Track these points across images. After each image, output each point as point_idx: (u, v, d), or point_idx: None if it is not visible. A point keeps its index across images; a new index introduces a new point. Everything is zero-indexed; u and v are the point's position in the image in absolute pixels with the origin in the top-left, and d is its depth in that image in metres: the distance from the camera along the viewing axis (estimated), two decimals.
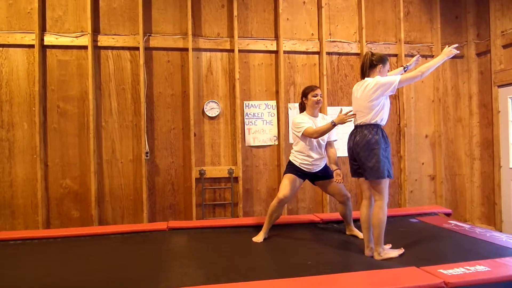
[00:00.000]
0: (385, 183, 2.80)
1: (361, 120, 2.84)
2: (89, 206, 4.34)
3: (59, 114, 4.36)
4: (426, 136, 5.21)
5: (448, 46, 2.88)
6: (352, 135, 2.91)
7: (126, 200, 4.48)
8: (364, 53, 2.94)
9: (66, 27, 4.39)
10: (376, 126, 2.80)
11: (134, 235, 3.53)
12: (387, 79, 2.80)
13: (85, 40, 4.35)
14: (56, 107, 4.35)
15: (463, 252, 2.86)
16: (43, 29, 4.32)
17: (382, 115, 2.81)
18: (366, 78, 2.87)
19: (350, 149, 2.93)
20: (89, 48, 4.34)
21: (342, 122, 3.00)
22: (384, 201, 2.80)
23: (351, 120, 2.96)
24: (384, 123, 2.86)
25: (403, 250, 2.85)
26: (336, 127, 3.09)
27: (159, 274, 2.54)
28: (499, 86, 4.85)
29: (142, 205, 4.43)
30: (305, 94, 3.39)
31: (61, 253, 3.08)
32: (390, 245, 2.97)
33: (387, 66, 2.93)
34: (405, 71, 3.22)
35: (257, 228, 3.47)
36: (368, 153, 2.76)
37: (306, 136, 3.25)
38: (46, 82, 4.34)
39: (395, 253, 2.81)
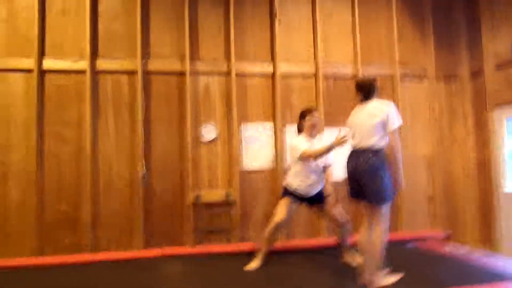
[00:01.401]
0: (387, 207, 2.78)
1: (364, 143, 2.82)
2: (84, 231, 4.27)
3: (56, 138, 4.36)
4: (423, 156, 5.22)
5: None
6: (353, 158, 2.88)
7: (121, 224, 4.41)
8: (362, 77, 2.99)
9: (65, 51, 4.43)
10: (379, 149, 2.79)
11: (127, 262, 3.49)
12: (395, 120, 2.78)
13: (84, 64, 4.39)
14: (53, 131, 4.36)
15: (460, 277, 2.84)
16: (42, 54, 4.37)
17: (385, 139, 2.81)
18: (374, 101, 2.88)
19: (351, 172, 2.89)
20: (88, 72, 4.37)
21: (340, 144, 2.97)
22: (385, 225, 2.77)
23: (346, 142, 2.95)
24: (386, 146, 2.85)
25: (402, 275, 2.82)
26: (333, 149, 3.08)
27: None
28: (494, 107, 4.89)
29: (138, 229, 4.37)
30: (303, 115, 3.42)
31: (54, 282, 3.05)
32: (388, 269, 2.94)
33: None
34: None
35: (253, 254, 3.44)
36: (373, 176, 2.73)
37: (304, 158, 3.25)
38: (44, 106, 4.36)
39: (392, 279, 2.79)
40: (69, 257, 3.65)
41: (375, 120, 2.78)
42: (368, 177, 2.75)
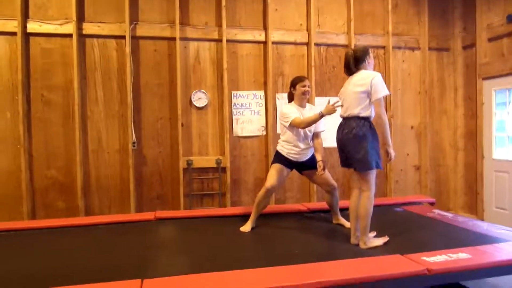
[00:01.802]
0: (372, 174, 2.83)
1: (349, 112, 2.86)
2: (75, 196, 4.29)
3: (43, 104, 4.27)
4: (412, 128, 5.28)
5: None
6: (341, 127, 2.94)
7: (112, 190, 4.44)
8: (346, 53, 2.95)
9: (50, 14, 4.28)
10: (364, 118, 2.82)
11: (120, 225, 3.51)
12: (380, 88, 2.76)
13: (70, 28, 4.26)
14: (40, 96, 4.26)
15: (445, 240, 2.93)
16: (26, 16, 4.21)
17: (371, 109, 2.84)
18: (361, 70, 2.88)
19: (339, 141, 2.96)
20: (74, 36, 4.25)
21: (330, 113, 3.01)
22: (371, 191, 2.84)
23: (336, 111, 2.98)
24: (372, 117, 2.88)
25: (388, 238, 2.91)
26: (323, 118, 3.11)
27: (146, 264, 2.54)
28: (483, 79, 4.94)
29: (129, 195, 4.41)
30: (293, 84, 3.40)
31: (47, 244, 3.05)
32: (375, 233, 3.03)
33: (371, 54, 2.95)
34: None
35: (245, 218, 3.49)
36: (355, 145, 2.79)
37: (294, 126, 3.26)
38: (30, 70, 4.24)
39: (380, 241, 2.87)
40: (61, 220, 3.64)
41: (359, 90, 2.80)
42: (352, 146, 2.81)
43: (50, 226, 3.44)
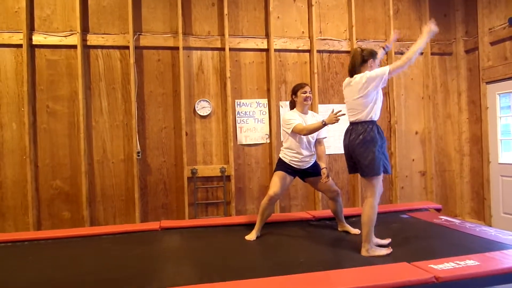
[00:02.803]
0: (378, 180, 2.79)
1: (356, 117, 2.83)
2: (80, 206, 4.30)
3: (48, 114, 4.31)
4: (416, 133, 5.27)
5: (427, 25, 2.86)
6: (348, 132, 2.90)
7: (117, 200, 4.46)
8: (353, 50, 2.91)
9: (55, 26, 4.34)
10: (371, 122, 2.79)
11: (126, 235, 3.50)
12: (376, 72, 2.75)
13: (74, 39, 4.31)
14: (45, 107, 4.31)
15: (453, 247, 2.89)
16: (31, 29, 4.27)
17: (375, 110, 2.81)
18: (357, 75, 2.85)
19: (346, 147, 2.92)
20: (79, 48, 4.30)
21: (332, 122, 2.97)
22: (374, 198, 2.80)
23: (338, 120, 2.95)
24: (378, 117, 2.86)
25: (391, 250, 2.83)
26: (326, 126, 3.10)
27: (152, 274, 2.53)
28: (487, 83, 4.92)
29: (134, 204, 4.42)
30: (294, 91, 3.40)
31: (53, 255, 3.05)
32: (390, 240, 2.98)
33: (377, 60, 2.94)
34: (385, 52, 3.24)
35: (250, 226, 3.48)
36: (363, 150, 2.75)
37: (296, 132, 3.26)
38: (35, 82, 4.29)
39: (383, 251, 2.80)
40: (66, 231, 3.65)
41: (361, 91, 2.77)
42: (359, 151, 2.78)
43: (55, 237, 3.45)
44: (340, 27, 5.07)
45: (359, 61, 2.86)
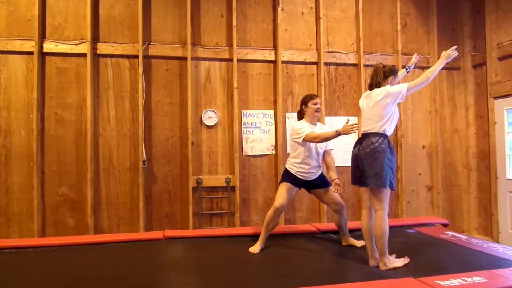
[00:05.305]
0: (387, 192, 2.78)
1: (369, 127, 2.85)
2: (85, 214, 4.31)
3: (56, 121, 4.35)
4: (423, 147, 5.23)
5: (445, 50, 2.96)
6: (358, 142, 2.92)
7: (122, 208, 4.46)
8: (376, 65, 2.98)
9: (66, 34, 4.41)
10: (383, 135, 2.81)
11: (130, 244, 3.50)
12: (396, 88, 2.83)
13: (85, 48, 4.37)
14: (54, 114, 4.35)
15: (460, 263, 2.85)
16: (42, 37, 4.34)
17: (389, 125, 2.83)
18: (377, 89, 2.89)
19: (354, 156, 2.93)
20: (88, 56, 4.35)
21: (347, 132, 2.98)
22: (385, 210, 2.78)
23: (355, 132, 2.99)
24: (391, 133, 2.87)
25: (408, 260, 2.84)
26: (339, 136, 3.09)
27: (155, 284, 2.52)
28: (495, 98, 4.90)
29: (138, 213, 4.42)
30: (304, 102, 3.40)
31: (57, 262, 3.05)
32: (395, 255, 2.95)
33: (398, 77, 2.97)
34: (407, 72, 3.34)
35: (254, 237, 3.45)
36: (372, 160, 2.75)
37: (307, 140, 3.23)
38: (45, 89, 4.34)
39: (400, 262, 2.80)
40: (70, 238, 3.65)
41: (380, 104, 2.81)
42: (368, 161, 2.78)
43: (59, 244, 3.45)
44: (347, 40, 5.10)
45: (381, 76, 2.90)
